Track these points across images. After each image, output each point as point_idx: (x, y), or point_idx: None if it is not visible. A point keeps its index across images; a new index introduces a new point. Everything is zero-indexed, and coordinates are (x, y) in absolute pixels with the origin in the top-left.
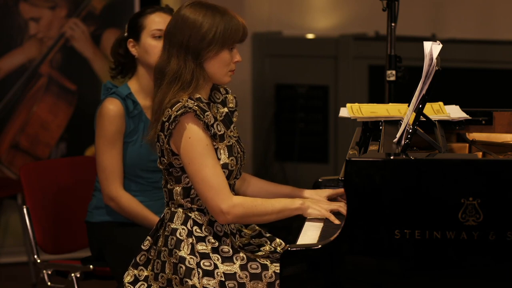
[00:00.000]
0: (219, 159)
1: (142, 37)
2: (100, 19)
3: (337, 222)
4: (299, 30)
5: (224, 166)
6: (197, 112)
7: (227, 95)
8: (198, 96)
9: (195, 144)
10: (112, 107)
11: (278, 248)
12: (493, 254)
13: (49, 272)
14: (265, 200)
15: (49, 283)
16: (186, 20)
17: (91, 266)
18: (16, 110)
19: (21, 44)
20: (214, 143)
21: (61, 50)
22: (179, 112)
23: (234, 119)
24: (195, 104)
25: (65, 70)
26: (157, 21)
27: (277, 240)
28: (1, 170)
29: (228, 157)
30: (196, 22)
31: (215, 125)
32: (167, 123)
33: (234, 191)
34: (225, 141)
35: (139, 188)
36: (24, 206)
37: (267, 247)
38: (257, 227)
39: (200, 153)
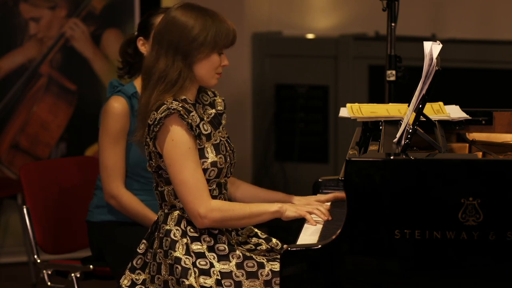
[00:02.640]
0: (207, 158)
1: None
2: (100, 19)
3: (313, 223)
4: (299, 30)
5: (213, 164)
6: (181, 112)
7: (215, 98)
8: (183, 97)
9: (177, 146)
10: (117, 105)
11: (274, 248)
12: (493, 254)
13: (49, 272)
14: (244, 204)
15: (49, 283)
16: (177, 21)
17: (91, 266)
18: (16, 110)
19: (21, 44)
20: (200, 143)
21: (61, 50)
22: (163, 114)
23: (223, 122)
24: (180, 105)
25: (65, 70)
26: None
27: (274, 240)
28: (1, 170)
29: (216, 155)
30: (188, 24)
31: (201, 125)
32: (152, 126)
33: (226, 190)
34: (211, 140)
35: (141, 187)
36: (24, 206)
37: (263, 247)
38: (253, 229)
39: (182, 155)
